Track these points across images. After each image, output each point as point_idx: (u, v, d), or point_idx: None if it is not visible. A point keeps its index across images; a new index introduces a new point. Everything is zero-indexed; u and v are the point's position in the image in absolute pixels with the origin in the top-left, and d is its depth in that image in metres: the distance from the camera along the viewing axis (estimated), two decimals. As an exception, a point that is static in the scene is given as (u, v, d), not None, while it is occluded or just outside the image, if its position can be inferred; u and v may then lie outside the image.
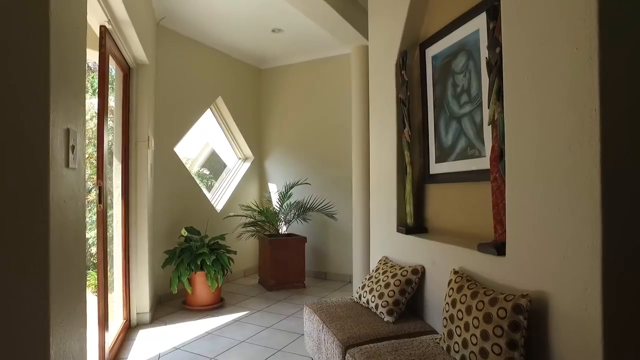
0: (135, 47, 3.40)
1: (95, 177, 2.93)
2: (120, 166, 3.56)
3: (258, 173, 6.06)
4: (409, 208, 2.67)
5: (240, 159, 6.01)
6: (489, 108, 1.93)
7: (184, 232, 4.15)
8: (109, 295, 4.17)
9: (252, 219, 5.12)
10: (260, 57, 5.69)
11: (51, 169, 1.36)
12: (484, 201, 2.11)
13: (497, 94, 1.88)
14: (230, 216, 5.03)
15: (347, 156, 5.12)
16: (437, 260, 2.28)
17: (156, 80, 4.28)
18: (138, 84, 3.72)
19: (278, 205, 5.28)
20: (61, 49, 1.42)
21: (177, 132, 4.70)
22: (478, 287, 1.81)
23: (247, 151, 5.95)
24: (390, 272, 2.50)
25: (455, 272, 2.01)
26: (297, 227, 5.39)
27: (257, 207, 5.15)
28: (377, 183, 3.07)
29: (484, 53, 2.09)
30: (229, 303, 4.42)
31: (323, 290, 4.98)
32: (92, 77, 6.02)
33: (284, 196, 5.20)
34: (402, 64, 2.76)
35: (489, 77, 1.93)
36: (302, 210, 5.16)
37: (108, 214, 4.94)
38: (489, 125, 1.97)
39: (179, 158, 4.75)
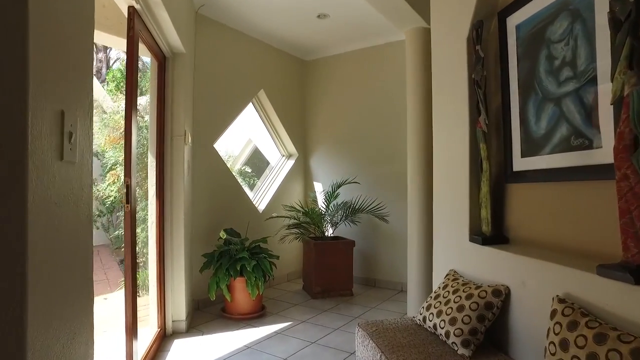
0: (170, 34, 3.12)
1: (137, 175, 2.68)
2: (154, 163, 3.30)
3: (302, 171, 5.71)
4: (485, 213, 2.17)
5: (283, 156, 5.68)
6: (612, 81, 1.42)
7: (222, 235, 3.85)
8: (145, 302, 3.98)
9: (296, 221, 4.76)
10: (305, 47, 5.32)
11: (31, 162, 1.03)
12: (601, 206, 1.59)
13: (629, 59, 1.36)
14: (272, 217, 4.69)
15: (401, 152, 4.64)
16: (530, 282, 1.78)
17: (195, 71, 4.01)
18: (174, 74, 3.45)
19: (324, 206, 4.89)
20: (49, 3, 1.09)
21: (217, 128, 4.42)
22: (604, 327, 1.31)
23: (291, 148, 5.60)
24: (464, 291, 2.03)
25: (562, 301, 1.51)
26: (344, 230, 4.98)
27: (302, 207, 4.78)
28: (443, 182, 2.59)
29: (601, 8, 1.58)
30: (271, 311, 4.08)
31: (373, 299, 4.54)
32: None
33: (330, 196, 4.80)
34: (477, 37, 2.26)
35: (614, 38, 1.42)
36: (351, 211, 4.73)
37: (142, 213, 4.77)
38: (612, 104, 1.46)
39: (219, 155, 4.47)
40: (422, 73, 3.78)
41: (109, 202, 5.66)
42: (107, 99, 5.78)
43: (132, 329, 2.61)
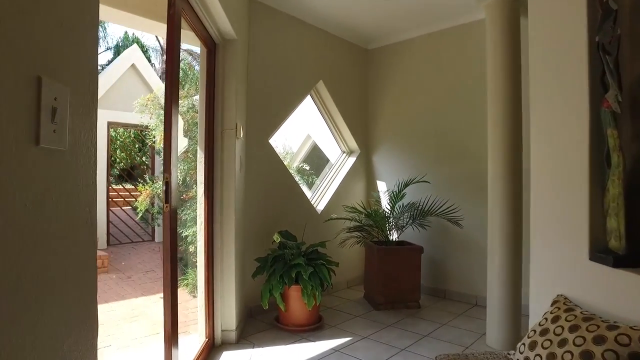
0: (219, 17, 2.83)
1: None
2: (203, 158, 3.04)
3: (365, 169, 5.26)
4: (616, 223, 1.60)
5: (344, 152, 5.27)
6: None
7: (276, 238, 3.52)
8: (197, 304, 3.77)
9: (357, 223, 4.33)
10: (367, 34, 4.87)
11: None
12: None
13: None
14: (332, 219, 4.30)
15: (478, 148, 4.05)
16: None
17: (248, 60, 3.73)
18: (225, 62, 3.17)
19: (388, 208, 4.41)
20: None
21: (273, 121, 4.11)
22: None
23: (353, 144, 5.18)
24: (588, 330, 1.48)
25: None
26: (410, 234, 4.46)
27: (364, 208, 4.34)
28: (545, 182, 2.02)
29: None
30: (329, 323, 3.69)
31: (443, 313, 3.99)
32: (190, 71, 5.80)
33: (396, 196, 4.31)
34: (601, -13, 1.69)
35: None
36: (420, 214, 4.21)
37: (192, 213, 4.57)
38: None
39: (274, 151, 4.16)
40: (507, 53, 3.19)
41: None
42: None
43: (171, 339, 2.35)
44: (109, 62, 15.82)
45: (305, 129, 5.76)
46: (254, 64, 3.84)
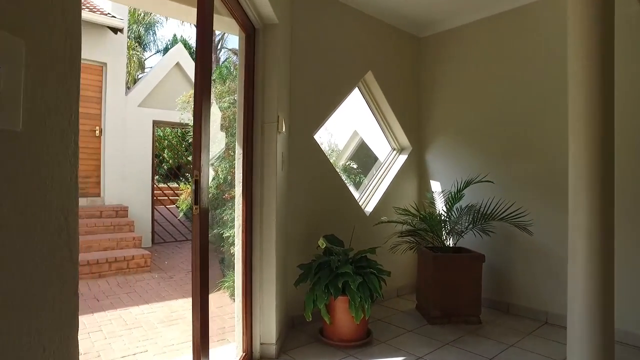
0: (259, -3, 2.54)
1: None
2: (241, 155, 2.77)
3: (417, 168, 4.82)
4: None
5: (394, 149, 4.86)
6: None
7: (322, 243, 3.19)
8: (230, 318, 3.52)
9: (410, 227, 3.92)
10: (419, 20, 4.44)
11: None
12: None
13: None
14: (382, 222, 3.92)
15: (553, 143, 3.53)
16: None
17: (290, 48, 3.43)
18: (265, 49, 2.88)
19: (444, 210, 3.97)
20: None
21: (318, 115, 3.79)
22: None
23: (404, 140, 4.76)
24: None
25: None
26: (468, 240, 3.99)
27: (418, 211, 3.92)
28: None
29: None
30: (378, 338, 3.32)
31: (508, 332, 3.50)
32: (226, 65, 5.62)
33: (453, 198, 3.85)
34: None
35: None
36: (482, 218, 3.73)
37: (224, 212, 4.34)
38: None
39: (319, 147, 3.83)
40: (596, 27, 2.67)
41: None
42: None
43: (201, 352, 2.08)
44: (159, 63, 16.23)
45: (352, 125, 5.40)
46: (296, 52, 3.53)
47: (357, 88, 4.40)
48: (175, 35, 21.48)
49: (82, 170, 6.92)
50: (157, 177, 12.38)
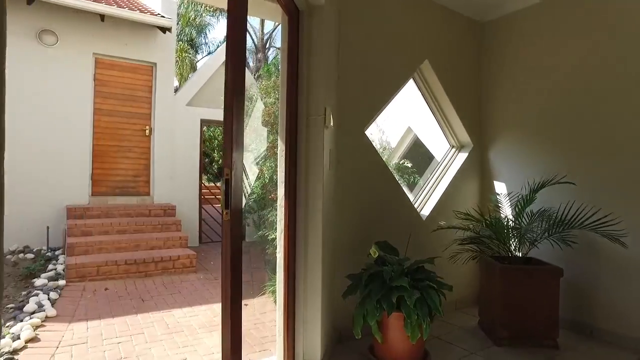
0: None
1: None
2: (284, 151, 2.48)
3: (478, 167, 4.34)
4: None
5: (453, 147, 4.40)
6: None
7: (374, 252, 2.83)
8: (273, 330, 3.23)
9: (473, 234, 3.47)
10: (482, 3, 3.96)
11: None
12: None
13: None
14: (441, 228, 3.49)
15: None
16: None
17: (338, 33, 3.10)
18: (310, 33, 2.58)
19: (512, 215, 3.48)
20: None
21: (369, 109, 3.44)
22: None
23: (464, 136, 4.29)
24: None
25: None
26: (541, 250, 3.46)
27: (482, 216, 3.46)
28: None
29: None
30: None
31: (595, 361, 2.97)
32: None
33: (525, 202, 3.36)
34: None
35: None
36: (560, 225, 3.22)
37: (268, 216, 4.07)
38: None
39: (371, 144, 3.48)
40: None
41: (252, 200, 5.26)
42: (253, 86, 5.39)
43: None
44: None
45: (405, 120, 4.99)
46: (344, 38, 3.20)
47: (412, 79, 4.00)
48: (226, 37, 21.85)
49: (132, 169, 7.01)
50: (207, 176, 12.56)
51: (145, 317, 4.14)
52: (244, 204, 6.02)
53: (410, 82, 4.03)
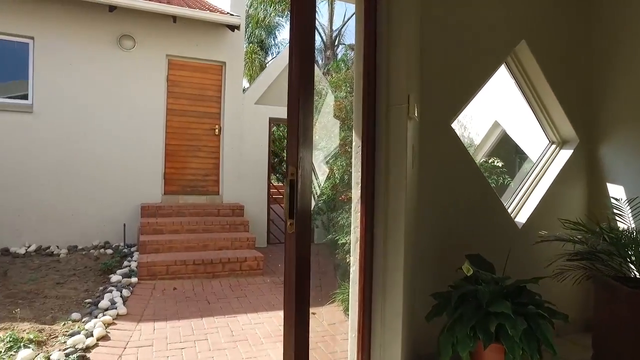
0: None
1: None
2: (359, 148, 2.12)
3: (586, 166, 3.65)
4: None
5: (553, 143, 3.76)
6: None
7: (467, 269, 2.37)
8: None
9: (587, 247, 2.86)
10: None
11: None
12: None
13: None
14: (545, 240, 2.92)
15: None
16: None
17: (420, 10, 2.67)
18: (390, 11, 2.19)
19: (633, 224, 2.82)
20: None
21: (454, 98, 2.97)
22: None
23: (567, 130, 3.64)
24: None
25: None
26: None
27: (600, 226, 2.83)
28: None
29: None
30: (545, 404, 2.38)
31: None
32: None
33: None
34: None
35: None
36: None
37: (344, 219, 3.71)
38: None
39: (459, 140, 3.01)
40: None
41: (321, 201, 4.97)
42: (322, 80, 5.09)
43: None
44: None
45: (491, 113, 4.40)
46: (428, 14, 2.76)
47: (504, 65, 3.45)
48: (294, 37, 21.97)
49: (202, 168, 7.05)
50: (276, 176, 12.57)
51: (210, 321, 4.00)
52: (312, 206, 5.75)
53: (502, 69, 3.47)
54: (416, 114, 2.34)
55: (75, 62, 6.30)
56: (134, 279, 4.91)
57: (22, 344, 3.34)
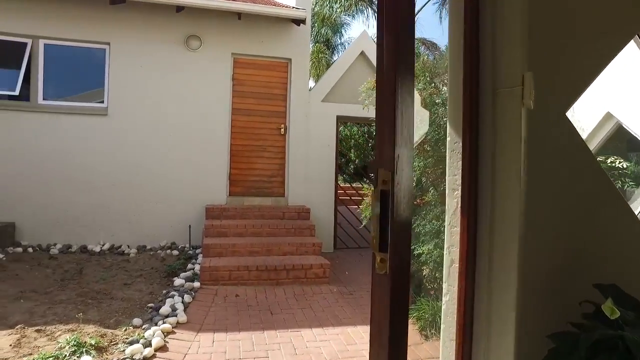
0: None
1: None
2: (458, 145, 1.63)
3: None
4: None
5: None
6: None
7: (610, 311, 1.76)
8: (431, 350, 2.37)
9: None
10: None
11: None
12: None
13: None
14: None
15: None
16: None
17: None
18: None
19: None
20: None
21: (570, 80, 2.34)
22: None
23: None
24: None
25: None
26: None
27: None
28: None
29: None
30: None
31: None
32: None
33: None
34: None
35: None
36: None
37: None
38: None
39: (576, 133, 2.38)
40: None
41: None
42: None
43: None
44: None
45: (603, 103, 3.64)
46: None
47: (632, 40, 2.74)
48: (364, 31, 21.52)
49: (268, 169, 6.84)
50: (342, 176, 12.19)
51: (272, 335, 3.69)
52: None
53: (630, 47, 2.77)
54: (532, 99, 1.79)
55: (145, 64, 6.37)
56: (196, 284, 4.76)
57: (84, 349, 3.26)
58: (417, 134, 3.87)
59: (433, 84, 3.87)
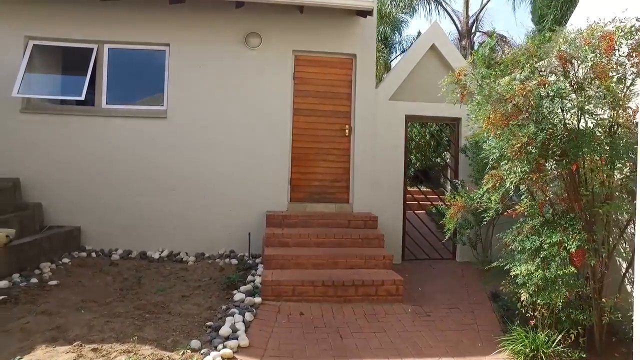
0: None
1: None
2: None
3: None
4: None
5: None
6: None
7: None
8: None
9: None
10: None
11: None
12: None
13: None
14: None
15: None
16: None
17: None
18: None
19: None
20: None
21: None
22: None
23: None
24: None
25: None
26: None
27: None
28: None
29: None
30: None
31: None
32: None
33: None
34: None
35: None
36: None
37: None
38: None
39: None
40: None
41: (487, 217, 3.80)
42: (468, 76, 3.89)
43: None
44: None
45: None
46: None
47: None
48: (419, 32, 20.59)
49: (331, 173, 6.36)
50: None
51: (346, 369, 3.18)
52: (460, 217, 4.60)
53: None
54: None
55: (204, 64, 6.15)
56: (257, 299, 4.35)
57: (139, 375, 2.94)
58: (519, 132, 3.19)
59: (539, 73, 3.18)
